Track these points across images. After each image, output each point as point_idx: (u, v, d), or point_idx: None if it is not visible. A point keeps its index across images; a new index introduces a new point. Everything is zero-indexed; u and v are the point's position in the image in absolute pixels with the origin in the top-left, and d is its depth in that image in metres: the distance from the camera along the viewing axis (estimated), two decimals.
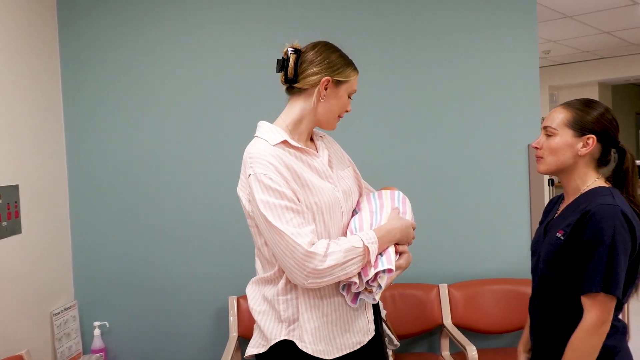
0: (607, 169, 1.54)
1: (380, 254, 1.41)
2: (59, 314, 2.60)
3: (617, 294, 1.37)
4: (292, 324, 1.43)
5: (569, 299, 1.45)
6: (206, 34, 2.77)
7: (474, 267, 2.85)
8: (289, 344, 1.42)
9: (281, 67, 1.48)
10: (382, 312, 1.71)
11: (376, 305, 1.61)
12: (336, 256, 1.34)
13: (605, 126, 1.48)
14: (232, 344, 2.56)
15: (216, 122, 2.78)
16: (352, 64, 1.52)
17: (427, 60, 2.82)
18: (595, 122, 1.47)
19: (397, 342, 2.47)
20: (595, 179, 1.51)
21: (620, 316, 1.49)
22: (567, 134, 1.49)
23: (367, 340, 1.51)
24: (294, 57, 1.46)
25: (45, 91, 2.61)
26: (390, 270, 1.39)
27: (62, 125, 2.75)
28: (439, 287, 2.78)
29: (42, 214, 2.54)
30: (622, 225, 1.37)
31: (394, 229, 1.45)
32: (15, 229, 2.32)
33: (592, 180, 1.51)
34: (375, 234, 1.40)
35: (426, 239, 2.69)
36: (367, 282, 1.39)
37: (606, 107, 1.52)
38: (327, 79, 1.46)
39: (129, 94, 2.77)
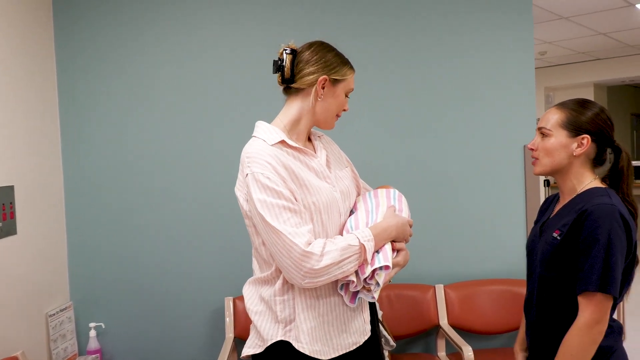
0: (603, 169, 1.55)
1: (377, 251, 1.41)
2: (54, 315, 2.59)
3: (614, 294, 1.37)
4: (289, 325, 1.43)
5: (565, 299, 1.45)
6: (205, 34, 2.77)
7: (469, 268, 2.86)
8: (285, 344, 1.42)
9: (277, 67, 1.48)
10: (378, 312, 1.71)
11: (373, 305, 1.61)
12: (332, 255, 1.34)
13: (599, 126, 1.48)
14: (229, 344, 2.56)
15: (213, 122, 2.77)
16: (348, 62, 1.52)
17: (424, 61, 2.82)
18: (589, 122, 1.47)
19: (393, 343, 2.46)
20: (591, 180, 1.51)
21: (615, 316, 1.49)
22: (562, 135, 1.49)
23: (364, 340, 1.51)
24: (290, 57, 1.46)
25: (41, 92, 2.60)
26: (387, 267, 1.39)
27: (57, 126, 2.74)
28: (435, 287, 2.78)
29: (38, 215, 2.53)
30: (618, 225, 1.38)
31: (390, 227, 1.45)
32: (10, 230, 2.31)
33: (588, 180, 1.51)
34: (371, 231, 1.41)
35: (422, 239, 2.69)
36: (365, 280, 1.39)
37: (601, 106, 1.52)
38: (324, 78, 1.46)
39: (125, 94, 2.76)
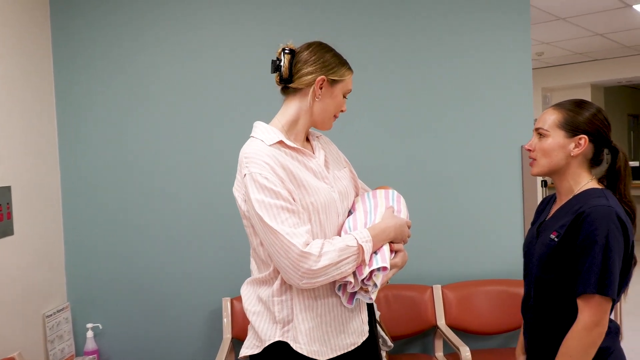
0: (600, 170, 1.55)
1: (375, 252, 1.41)
2: (51, 315, 2.58)
3: (612, 296, 1.37)
4: (287, 325, 1.43)
5: (563, 301, 1.45)
6: (205, 34, 2.77)
7: (467, 268, 2.86)
8: (283, 345, 1.42)
9: (276, 67, 1.48)
10: (376, 313, 1.71)
11: (371, 306, 1.61)
12: (330, 256, 1.34)
13: (597, 126, 1.48)
14: (226, 345, 2.56)
15: (212, 122, 2.77)
16: (346, 63, 1.52)
17: (423, 61, 2.82)
18: (586, 123, 1.47)
19: (390, 343, 2.47)
20: (588, 180, 1.51)
21: (612, 316, 1.49)
22: (559, 135, 1.49)
23: (362, 341, 1.50)
24: (288, 57, 1.46)
25: (37, 92, 2.60)
26: (385, 268, 1.39)
27: (54, 126, 2.74)
28: (432, 288, 2.78)
29: (35, 215, 2.52)
30: (616, 226, 1.37)
31: (388, 228, 1.45)
32: (7, 231, 2.30)
33: (585, 181, 1.51)
34: (369, 232, 1.40)
35: (419, 240, 2.69)
36: (363, 281, 1.39)
37: (598, 107, 1.52)
38: (322, 78, 1.46)
39: (123, 94, 2.76)
